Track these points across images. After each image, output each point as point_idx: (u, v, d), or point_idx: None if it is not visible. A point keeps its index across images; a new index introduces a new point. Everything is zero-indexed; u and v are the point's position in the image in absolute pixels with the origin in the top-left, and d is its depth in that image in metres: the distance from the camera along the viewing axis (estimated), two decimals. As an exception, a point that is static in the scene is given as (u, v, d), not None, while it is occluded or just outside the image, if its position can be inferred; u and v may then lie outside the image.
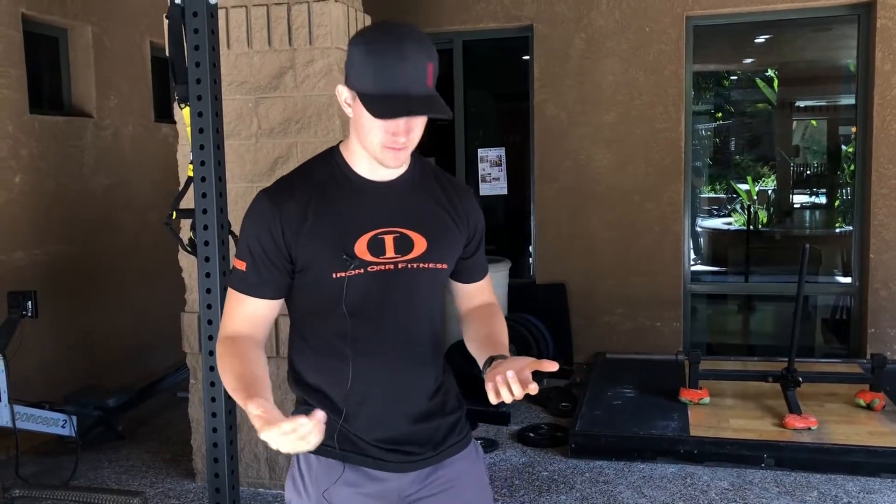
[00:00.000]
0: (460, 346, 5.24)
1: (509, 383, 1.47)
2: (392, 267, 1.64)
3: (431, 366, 1.76)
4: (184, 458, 4.19)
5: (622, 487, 3.87)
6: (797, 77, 7.41)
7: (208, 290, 2.63)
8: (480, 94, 6.83)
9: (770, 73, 7.66)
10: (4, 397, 3.73)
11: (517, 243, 6.60)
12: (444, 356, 1.83)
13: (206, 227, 2.61)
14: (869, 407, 4.47)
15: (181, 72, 2.60)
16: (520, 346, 5.27)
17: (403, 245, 1.65)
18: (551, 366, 1.49)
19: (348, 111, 1.59)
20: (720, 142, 8.62)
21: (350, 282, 1.60)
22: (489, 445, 4.44)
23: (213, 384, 2.67)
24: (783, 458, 3.99)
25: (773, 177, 8.03)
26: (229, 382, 1.58)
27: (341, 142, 1.71)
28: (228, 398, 2.72)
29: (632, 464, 4.12)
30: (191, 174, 2.65)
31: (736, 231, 7.98)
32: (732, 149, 8.94)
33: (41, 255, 4.79)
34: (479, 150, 6.28)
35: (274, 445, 1.36)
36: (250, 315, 1.66)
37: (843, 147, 7.14)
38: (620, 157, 5.93)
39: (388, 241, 1.64)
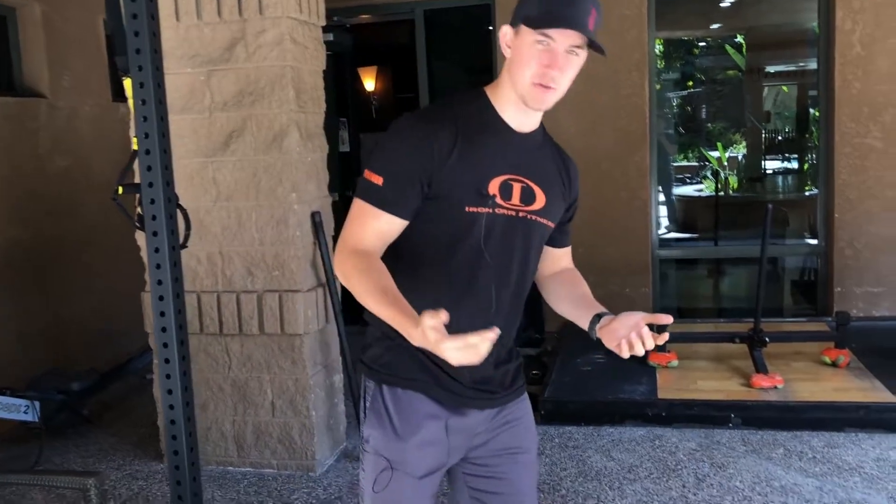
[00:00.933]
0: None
1: (643, 337, 1.62)
2: (515, 213, 1.70)
3: (522, 314, 1.87)
4: (151, 440, 4.15)
5: (591, 452, 3.88)
6: (765, 42, 7.40)
7: (158, 266, 2.57)
8: (444, 65, 6.76)
9: (739, 38, 7.65)
10: (-39, 384, 3.66)
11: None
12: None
13: (152, 201, 2.54)
14: (834, 364, 4.51)
15: (121, 42, 2.52)
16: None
17: (528, 196, 1.71)
18: (666, 318, 1.66)
19: (507, 52, 1.66)
20: (691, 109, 8.62)
21: (485, 218, 1.66)
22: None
23: (167, 361, 2.62)
24: (750, 417, 4.02)
25: (743, 143, 8.06)
26: (378, 297, 1.53)
27: (487, 85, 1.74)
28: (185, 375, 2.68)
29: (601, 428, 4.14)
30: (136, 147, 2.58)
31: (706, 198, 8.01)
32: (704, 116, 8.95)
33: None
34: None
35: (451, 357, 1.39)
36: (379, 231, 1.64)
37: (812, 111, 7.15)
38: (587, 124, 5.89)
39: (516, 188, 1.69)
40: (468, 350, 1.38)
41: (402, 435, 1.72)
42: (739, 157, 8.30)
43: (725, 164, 8.30)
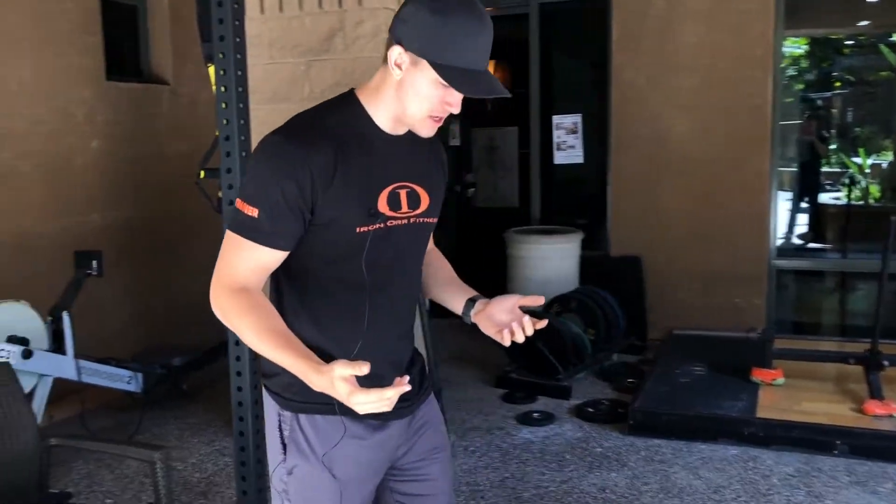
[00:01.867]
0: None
1: (523, 325, 1.64)
2: (405, 221, 1.66)
3: (416, 315, 1.83)
4: (242, 418, 4.27)
5: (677, 468, 3.69)
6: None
7: (233, 249, 2.63)
8: (556, 59, 6.62)
9: (895, 37, 7.08)
10: (70, 352, 3.90)
11: (591, 214, 6.39)
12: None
13: (230, 187, 2.60)
14: (963, 395, 4.09)
15: (207, 30, 2.59)
16: (587, 319, 5.10)
17: (413, 200, 1.67)
18: (538, 300, 1.67)
19: (397, 73, 1.54)
20: (836, 112, 8.10)
21: (373, 236, 1.60)
22: (546, 419, 4.32)
23: (237, 343, 2.68)
24: (858, 445, 3.70)
25: (892, 150, 7.49)
26: (271, 340, 1.51)
27: (354, 89, 1.65)
28: (253, 357, 2.73)
29: (691, 444, 3.93)
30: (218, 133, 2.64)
31: (840, 206, 7.51)
32: (850, 120, 8.39)
33: (116, 219, 4.97)
34: (555, 118, 6.09)
35: (361, 409, 1.40)
36: (259, 265, 1.57)
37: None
38: (701, 125, 5.62)
39: (403, 195, 1.65)
40: (381, 403, 1.38)
41: (329, 464, 1.65)
42: (884, 165, 7.74)
43: (867, 171, 7.76)
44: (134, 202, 5.10)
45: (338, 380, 1.39)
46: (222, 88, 2.57)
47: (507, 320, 1.67)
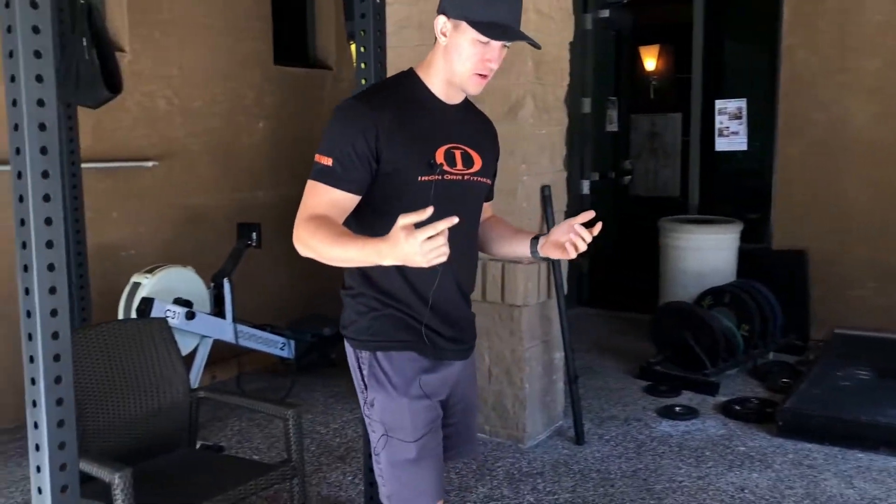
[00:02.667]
0: (668, 310, 4.96)
1: (581, 233, 1.84)
2: (461, 178, 1.89)
3: (477, 270, 2.07)
4: (385, 390, 4.42)
5: (828, 475, 3.44)
6: None
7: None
8: (722, 42, 6.30)
9: None
10: (229, 316, 4.18)
11: (752, 204, 6.04)
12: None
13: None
14: None
15: (350, 9, 2.68)
16: (741, 314, 4.84)
17: (467, 160, 1.91)
18: (589, 214, 1.88)
19: (442, 40, 1.81)
20: None
21: (435, 185, 1.83)
22: (688, 413, 4.16)
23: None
24: None
25: None
26: (341, 242, 1.67)
27: (414, 67, 1.91)
28: None
29: (847, 451, 3.65)
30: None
31: None
32: None
33: (277, 195, 5.26)
34: (717, 102, 5.80)
35: (423, 257, 1.51)
36: (333, 204, 1.78)
37: None
38: (885, 109, 5.17)
39: (458, 154, 1.89)
40: (437, 241, 1.49)
41: (402, 391, 1.88)
42: None
43: None
44: (294, 181, 5.36)
45: (398, 229, 1.51)
46: (362, 65, 2.66)
47: (565, 239, 1.87)
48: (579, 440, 3.82)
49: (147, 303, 3.76)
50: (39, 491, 1.82)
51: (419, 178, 1.81)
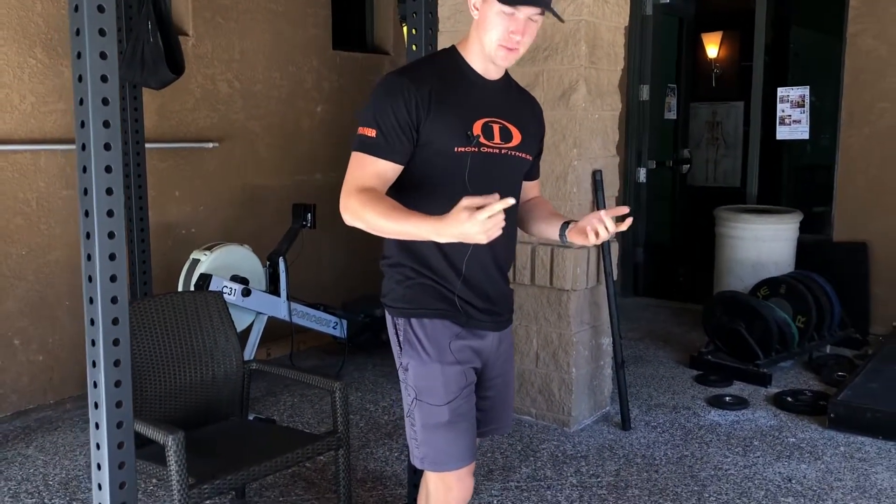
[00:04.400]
0: (721, 300, 4.91)
1: (605, 222, 1.88)
2: (498, 151, 1.94)
3: (515, 244, 2.11)
4: (434, 372, 4.49)
5: (880, 468, 3.38)
6: None
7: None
8: (785, 29, 6.16)
9: None
10: (284, 294, 4.30)
11: (814, 194, 5.91)
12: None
13: (416, 140, 2.74)
14: None
15: (404, -9, 2.73)
16: (798, 305, 4.76)
17: (506, 134, 1.95)
18: (623, 209, 1.91)
19: (475, 14, 1.90)
20: None
21: (471, 157, 1.88)
22: (738, 403, 4.12)
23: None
24: None
25: None
26: (394, 216, 1.74)
27: (456, 44, 1.98)
28: None
29: (901, 446, 3.58)
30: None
31: None
32: None
33: (336, 178, 5.32)
34: (779, 90, 5.68)
35: (482, 233, 1.61)
36: (378, 175, 1.84)
37: None
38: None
39: (496, 128, 1.93)
40: (496, 218, 1.57)
41: (435, 357, 1.95)
42: None
43: None
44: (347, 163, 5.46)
45: (462, 208, 1.60)
46: (413, 47, 2.70)
47: (590, 226, 1.92)
48: (625, 426, 3.82)
49: (205, 279, 3.89)
50: (98, 447, 1.93)
51: (455, 149, 1.86)
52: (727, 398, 4.19)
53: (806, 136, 5.64)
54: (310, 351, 5.02)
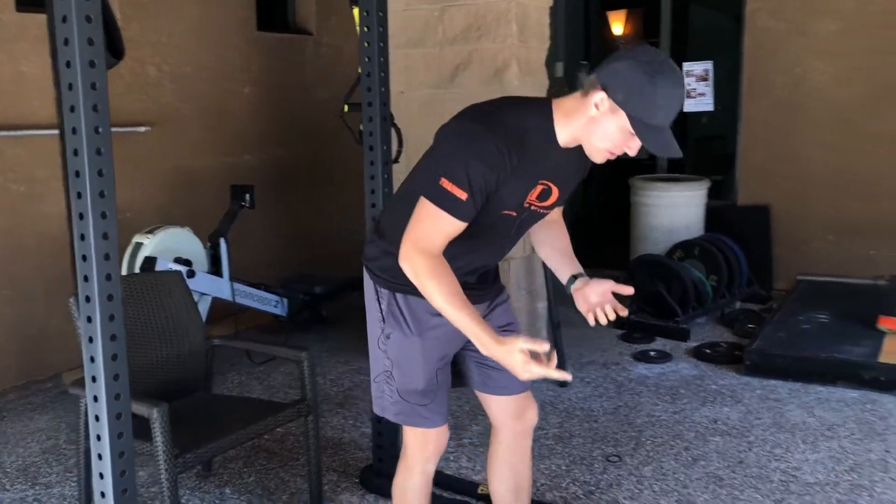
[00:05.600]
0: (642, 263, 5.19)
1: (606, 311, 2.03)
2: (536, 210, 1.99)
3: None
4: (376, 344, 4.64)
5: (792, 406, 3.75)
6: None
7: (372, 177, 2.92)
8: (687, 4, 6.54)
9: None
10: (226, 275, 4.36)
11: (719, 163, 6.33)
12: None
13: (370, 119, 2.87)
14: None
15: (353, -26, 2.85)
16: (710, 266, 5.14)
17: (545, 195, 1.96)
18: (627, 290, 2.03)
19: (593, 111, 1.78)
20: None
21: (512, 219, 1.96)
22: (662, 357, 4.45)
23: (374, 261, 2.97)
24: None
25: None
26: (457, 304, 1.83)
27: (552, 101, 1.87)
28: None
29: (808, 386, 3.97)
30: (360, 71, 2.91)
31: None
32: None
33: (266, 159, 5.41)
34: (685, 64, 6.04)
35: (521, 373, 1.78)
36: (451, 236, 1.86)
37: None
38: (843, 71, 5.46)
39: (542, 190, 1.94)
40: (545, 373, 1.77)
41: (416, 331, 2.04)
42: None
43: None
44: (281, 144, 5.53)
45: (518, 351, 1.75)
46: (365, 28, 2.82)
47: (596, 302, 2.03)
48: (563, 383, 4.09)
49: (150, 262, 3.92)
50: (97, 419, 2.01)
51: (503, 212, 1.89)
52: (652, 353, 4.51)
53: (711, 108, 6.02)
54: (248, 332, 5.07)
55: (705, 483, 3.04)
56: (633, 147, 1.80)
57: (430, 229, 1.83)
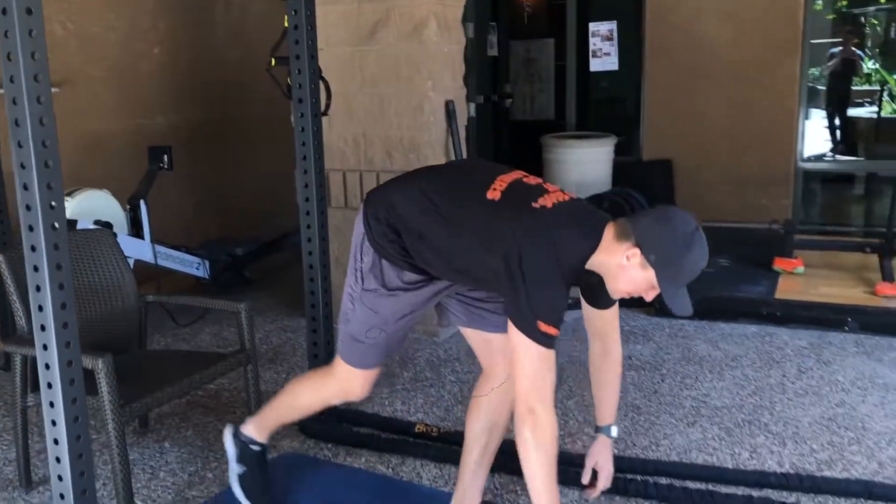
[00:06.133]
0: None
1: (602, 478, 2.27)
2: None
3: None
4: (301, 302, 4.67)
5: (699, 342, 4.04)
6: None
7: (302, 129, 2.97)
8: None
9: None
10: (147, 237, 4.31)
11: (625, 120, 6.61)
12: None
13: (299, 72, 2.92)
14: (973, 281, 4.36)
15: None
16: (619, 216, 5.39)
17: None
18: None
19: (623, 261, 1.87)
20: (879, 29, 8.12)
21: None
22: (577, 304, 4.66)
23: (308, 227, 3.04)
24: (868, 322, 4.02)
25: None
26: (550, 492, 1.89)
27: (601, 244, 1.92)
28: (323, 240, 3.09)
29: (714, 323, 4.27)
30: (287, 24, 2.95)
31: (873, 119, 7.65)
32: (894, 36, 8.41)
33: (179, 120, 5.32)
34: (591, 25, 6.26)
35: None
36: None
37: None
38: (737, 31, 5.78)
39: None
40: None
41: (391, 290, 2.09)
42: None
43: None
44: (195, 105, 5.44)
45: None
46: (293, 12, 2.86)
47: (602, 465, 2.28)
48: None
49: (70, 224, 3.83)
50: (47, 367, 2.03)
51: None
52: (570, 300, 4.72)
53: (616, 67, 6.28)
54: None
55: (625, 412, 3.26)
56: (650, 295, 1.91)
57: (543, 366, 1.88)
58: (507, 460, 2.35)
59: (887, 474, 2.74)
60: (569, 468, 2.33)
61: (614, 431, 2.28)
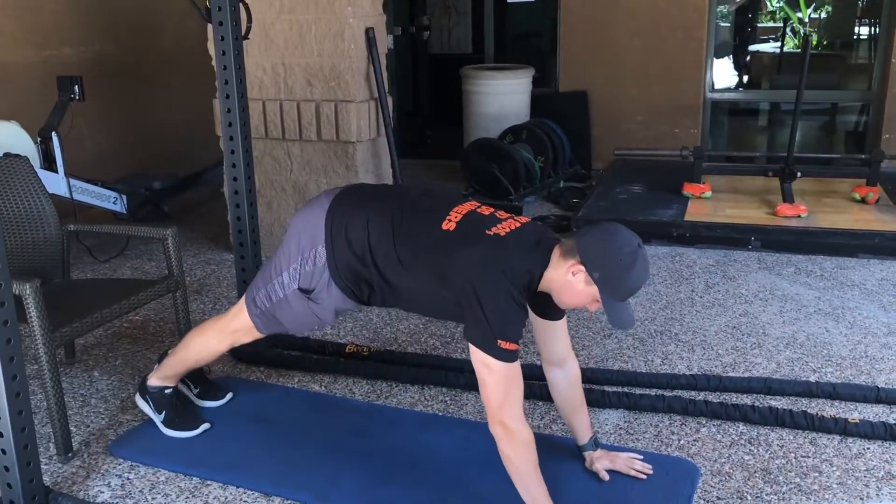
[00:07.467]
0: (477, 146, 5.48)
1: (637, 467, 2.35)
2: None
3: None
4: (223, 237, 4.66)
5: (614, 263, 4.23)
6: None
7: (223, 53, 2.93)
8: None
9: None
10: (61, 171, 4.19)
11: (542, 52, 6.70)
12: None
13: (221, -6, 2.87)
14: (863, 200, 4.67)
15: None
16: (537, 148, 5.52)
17: None
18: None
19: (569, 277, 1.96)
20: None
21: None
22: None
23: (232, 152, 3.02)
24: (769, 240, 4.28)
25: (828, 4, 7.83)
26: (538, 493, 2.03)
27: (549, 265, 2.00)
28: (249, 179, 3.08)
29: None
30: (203, -55, 2.88)
31: (777, 53, 7.95)
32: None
33: (88, 53, 5.13)
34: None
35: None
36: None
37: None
38: (649, -36, 5.89)
39: None
40: None
41: (315, 305, 2.31)
42: (822, 17, 8.15)
43: (807, 21, 8.15)
44: (105, 38, 5.25)
45: None
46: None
47: (621, 466, 2.35)
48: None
49: (-21, 157, 3.70)
50: (-25, 289, 2.01)
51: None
52: (490, 228, 4.85)
53: (531, -1, 6.33)
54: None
55: (546, 327, 3.42)
56: (594, 307, 2.00)
57: (510, 384, 1.99)
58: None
59: (784, 373, 2.99)
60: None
61: (595, 441, 2.38)
